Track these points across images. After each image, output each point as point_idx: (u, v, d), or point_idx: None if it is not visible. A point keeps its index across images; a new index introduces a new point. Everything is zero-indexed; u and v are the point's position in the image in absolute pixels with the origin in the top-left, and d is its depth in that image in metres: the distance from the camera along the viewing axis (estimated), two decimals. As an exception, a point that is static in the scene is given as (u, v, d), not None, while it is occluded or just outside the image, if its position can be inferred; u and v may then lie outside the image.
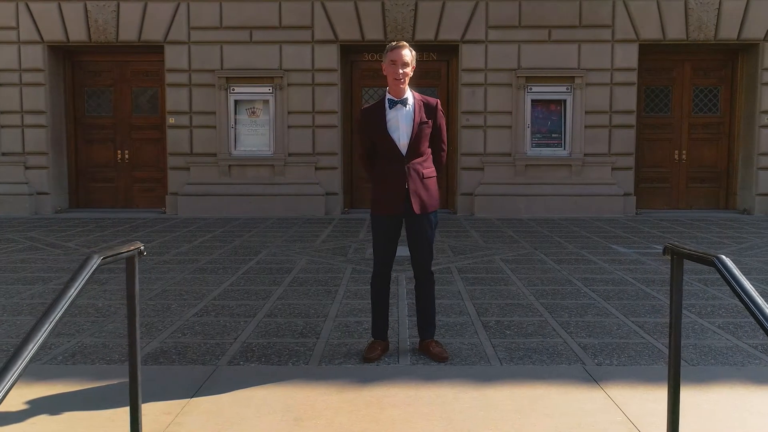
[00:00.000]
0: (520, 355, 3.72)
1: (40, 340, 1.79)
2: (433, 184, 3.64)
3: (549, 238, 8.13)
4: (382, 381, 3.27)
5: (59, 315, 1.89)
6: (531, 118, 10.61)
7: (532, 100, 10.60)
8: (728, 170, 11.18)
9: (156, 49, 10.71)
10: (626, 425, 2.76)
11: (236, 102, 10.73)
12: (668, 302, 4.72)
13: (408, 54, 3.52)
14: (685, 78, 11.06)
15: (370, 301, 3.82)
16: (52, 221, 9.92)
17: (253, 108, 10.79)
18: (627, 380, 3.26)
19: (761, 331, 4.06)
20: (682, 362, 3.61)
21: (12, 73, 10.69)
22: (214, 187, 10.70)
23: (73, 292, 1.93)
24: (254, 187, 10.69)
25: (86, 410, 2.91)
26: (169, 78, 10.69)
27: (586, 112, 10.57)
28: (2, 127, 10.75)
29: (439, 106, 3.67)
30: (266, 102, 10.74)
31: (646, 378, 3.30)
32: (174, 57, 10.63)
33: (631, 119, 10.64)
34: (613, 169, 10.66)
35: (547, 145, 10.69)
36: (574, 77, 10.47)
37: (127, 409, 2.81)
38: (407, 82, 3.56)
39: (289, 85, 10.65)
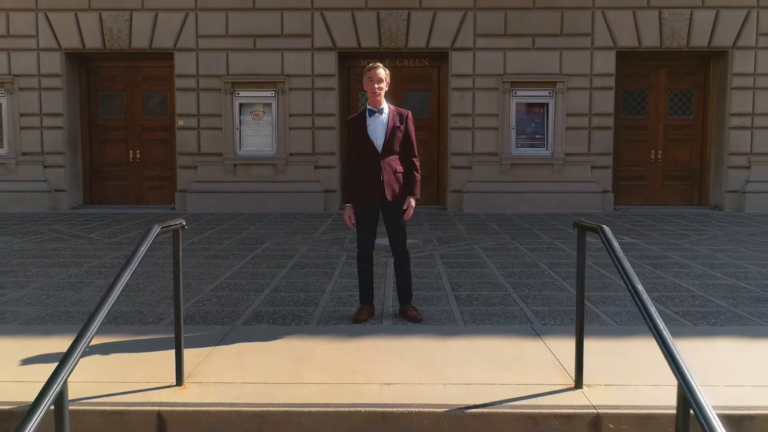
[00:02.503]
0: (482, 318, 4.55)
1: (118, 292, 2.58)
2: (403, 179, 4.44)
3: (528, 231, 8.96)
4: (368, 335, 4.10)
5: (132, 270, 2.70)
6: (516, 120, 11.44)
7: (517, 104, 11.43)
8: (701, 169, 12.02)
9: (166, 56, 11.54)
10: (554, 362, 3.58)
11: (241, 105, 11.56)
12: (617, 280, 5.56)
13: (382, 72, 4.35)
14: (660, 83, 11.89)
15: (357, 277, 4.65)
16: (71, 216, 10.75)
17: (257, 111, 11.62)
18: (563, 335, 4.08)
19: (687, 300, 4.92)
20: (612, 322, 4.46)
21: (32, 78, 11.52)
22: (221, 184, 11.53)
23: (141, 252, 2.76)
24: (258, 184, 11.51)
25: (133, 353, 3.74)
26: (179, 83, 11.52)
27: (567, 115, 11.39)
28: (22, 128, 11.58)
29: (410, 117, 4.49)
30: (269, 105, 11.57)
31: (579, 333, 4.12)
32: (183, 63, 11.46)
33: (609, 121, 11.47)
34: (592, 167, 11.49)
35: (531, 146, 11.52)
36: (555, 82, 11.30)
37: (165, 352, 3.66)
38: (383, 95, 4.37)
39: (290, 89, 11.48)
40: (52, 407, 2.07)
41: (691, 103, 11.96)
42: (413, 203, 4.44)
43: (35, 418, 1.90)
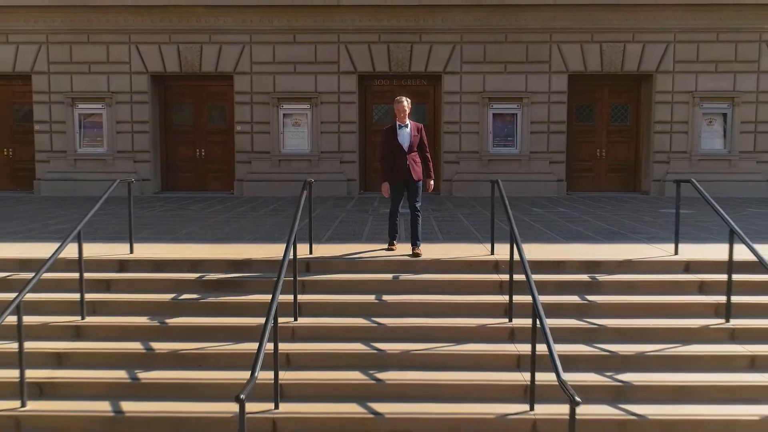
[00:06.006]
0: (454, 239, 8.58)
1: (296, 227, 6.57)
2: (420, 166, 8.30)
3: (497, 206, 12.95)
4: (397, 253, 8.11)
5: (300, 213, 6.70)
6: (492, 126, 15.48)
7: (493, 114, 15.47)
8: (635, 163, 16.07)
9: (227, 78, 15.57)
10: (486, 249, 7.61)
11: (284, 115, 15.59)
12: (543, 228, 9.59)
13: (405, 104, 8.10)
14: (603, 98, 15.95)
15: (387, 225, 8.59)
16: (158, 198, 14.76)
17: (296, 119, 15.65)
18: (499, 244, 8.07)
19: (572, 233, 8.97)
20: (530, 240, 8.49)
21: (125, 94, 15.55)
22: (269, 175, 15.55)
23: (304, 196, 6.77)
24: (297, 175, 15.44)
25: (276, 244, 7.75)
26: (237, 98, 15.55)
27: (531, 122, 15.43)
28: (118, 132, 15.60)
29: (423, 129, 8.29)
30: (305, 115, 15.59)
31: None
32: (241, 83, 15.49)
33: (563, 127, 15.51)
34: (550, 162, 15.53)
35: (504, 146, 15.56)
36: (522, 98, 15.34)
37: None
38: (407, 116, 8.21)
39: (321, 103, 15.51)
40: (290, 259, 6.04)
41: (628, 113, 16.01)
42: (432, 182, 8.16)
43: (285, 263, 5.82)
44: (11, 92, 16.00)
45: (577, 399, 4.08)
